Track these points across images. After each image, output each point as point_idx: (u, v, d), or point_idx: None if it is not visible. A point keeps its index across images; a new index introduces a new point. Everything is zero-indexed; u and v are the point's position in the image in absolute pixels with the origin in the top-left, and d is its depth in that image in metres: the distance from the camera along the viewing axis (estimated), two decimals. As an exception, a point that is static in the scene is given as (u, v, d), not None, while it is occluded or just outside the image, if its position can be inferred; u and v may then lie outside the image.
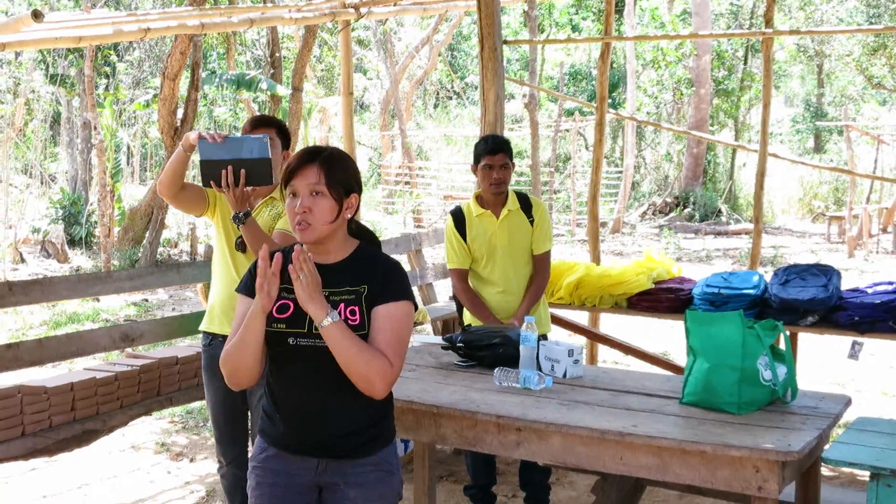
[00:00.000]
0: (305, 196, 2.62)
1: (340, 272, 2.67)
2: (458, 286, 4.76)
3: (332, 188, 2.62)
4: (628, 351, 6.68)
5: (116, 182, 15.58)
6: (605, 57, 7.71)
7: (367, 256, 2.72)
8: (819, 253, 16.67)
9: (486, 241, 4.70)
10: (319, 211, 2.61)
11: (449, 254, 4.79)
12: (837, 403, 3.43)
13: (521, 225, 4.73)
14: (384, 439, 2.73)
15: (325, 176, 2.62)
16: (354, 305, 2.62)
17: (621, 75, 25.57)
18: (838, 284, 5.16)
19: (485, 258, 4.72)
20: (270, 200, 4.05)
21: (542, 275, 4.77)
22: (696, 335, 3.41)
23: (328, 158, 2.65)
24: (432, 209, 21.69)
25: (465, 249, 4.74)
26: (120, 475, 5.56)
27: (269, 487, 2.73)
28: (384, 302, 2.62)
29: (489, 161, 4.62)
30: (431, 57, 25.17)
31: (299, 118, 14.35)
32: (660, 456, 3.06)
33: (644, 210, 23.38)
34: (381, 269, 2.68)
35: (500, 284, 4.72)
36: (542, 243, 4.77)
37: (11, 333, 9.65)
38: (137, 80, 23.20)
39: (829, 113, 28.67)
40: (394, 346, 2.60)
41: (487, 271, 4.74)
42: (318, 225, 2.62)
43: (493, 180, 4.62)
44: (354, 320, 2.60)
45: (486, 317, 4.65)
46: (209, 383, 4.09)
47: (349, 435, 2.65)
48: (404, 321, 2.64)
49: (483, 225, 4.72)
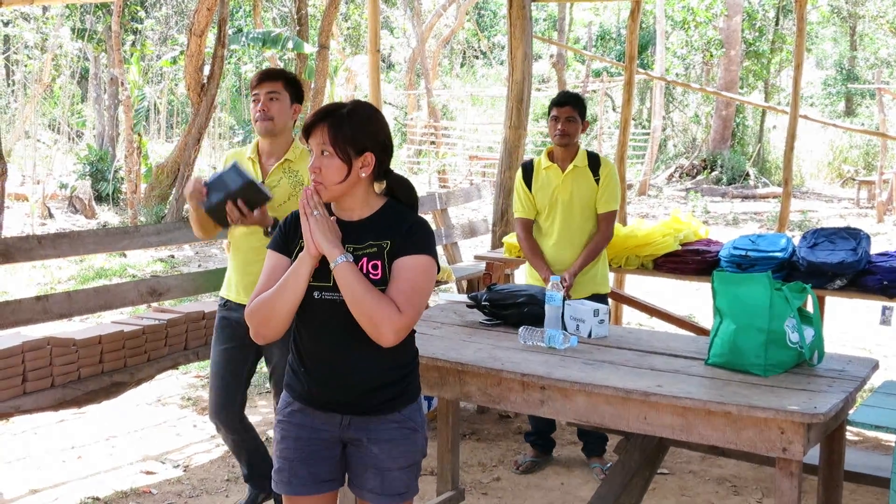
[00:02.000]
0: (317, 156, 2.63)
1: (364, 229, 2.67)
2: (521, 234, 4.95)
3: (338, 148, 2.61)
4: (653, 313, 6.67)
5: (143, 139, 15.61)
6: (635, 16, 7.63)
7: (393, 213, 2.71)
8: (848, 218, 16.50)
9: (550, 193, 4.85)
10: (328, 171, 2.62)
11: (515, 203, 4.99)
12: (864, 367, 3.40)
13: (586, 182, 4.84)
14: (408, 397, 2.74)
15: (331, 135, 2.61)
16: (377, 259, 2.61)
17: (650, 36, 25.28)
18: (867, 248, 5.10)
19: (546, 210, 4.88)
20: (286, 163, 3.97)
21: (603, 234, 4.86)
22: (723, 296, 3.39)
23: (338, 117, 2.63)
24: (458, 169, 21.62)
25: (530, 200, 4.91)
26: (147, 428, 5.63)
27: (293, 441, 2.75)
28: (405, 255, 2.62)
29: (556, 112, 4.80)
30: (458, 16, 24.96)
31: (325, 76, 14.30)
32: (684, 416, 3.05)
33: (671, 172, 23.19)
34: (407, 224, 2.67)
35: (556, 237, 4.85)
36: (605, 203, 4.85)
37: (40, 287, 9.75)
38: (164, 37, 23.16)
39: (861, 76, 28.23)
40: (407, 295, 2.58)
41: (548, 224, 4.88)
42: (329, 185, 2.63)
43: (558, 131, 4.79)
44: (376, 275, 2.60)
45: (540, 267, 4.80)
46: (216, 343, 4.11)
47: (373, 391, 2.66)
48: (422, 274, 2.62)
49: (548, 177, 4.87)
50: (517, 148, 6.82)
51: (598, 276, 4.89)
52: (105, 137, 18.34)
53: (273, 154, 3.99)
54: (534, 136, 21.41)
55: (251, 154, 4.02)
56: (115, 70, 15.58)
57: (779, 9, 24.61)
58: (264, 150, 4.02)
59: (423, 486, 4.66)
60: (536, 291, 4.02)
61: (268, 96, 3.89)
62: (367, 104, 2.75)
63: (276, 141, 3.97)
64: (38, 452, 5.20)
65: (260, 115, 3.90)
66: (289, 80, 3.97)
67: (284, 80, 3.94)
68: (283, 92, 3.91)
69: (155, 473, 4.89)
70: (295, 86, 4.00)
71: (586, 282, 4.79)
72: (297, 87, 4.02)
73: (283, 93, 3.91)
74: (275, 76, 3.95)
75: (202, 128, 13.75)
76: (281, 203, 3.89)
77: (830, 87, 28.73)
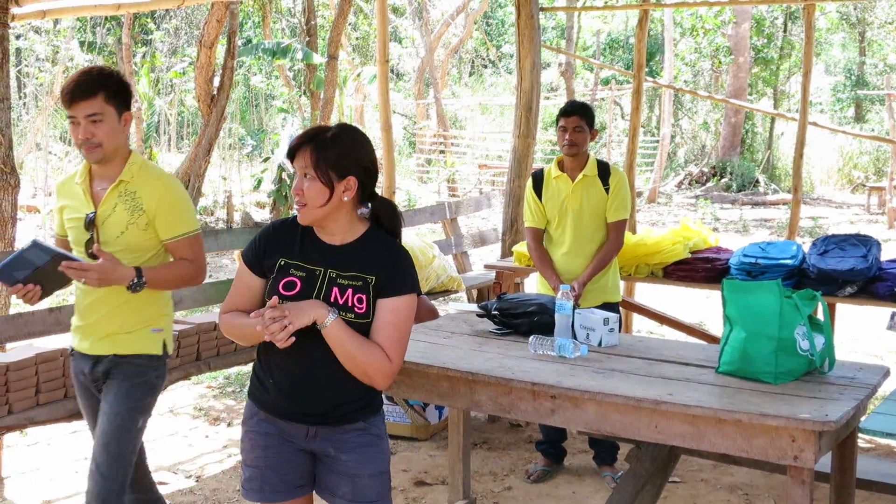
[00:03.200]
0: (300, 178, 2.67)
1: (346, 255, 2.71)
2: (530, 244, 4.99)
3: (320, 171, 2.64)
4: (663, 321, 6.67)
5: (153, 150, 15.68)
6: (643, 24, 7.64)
7: (376, 243, 2.75)
8: (858, 224, 16.46)
9: (559, 202, 4.88)
10: (310, 194, 2.65)
11: (525, 212, 5.02)
12: (875, 374, 3.40)
13: (596, 191, 4.86)
14: (372, 408, 2.80)
15: (313, 159, 2.64)
16: (362, 294, 2.67)
17: (659, 44, 25.27)
18: (878, 255, 5.10)
19: (556, 219, 4.91)
20: (121, 185, 3.32)
21: (613, 243, 4.87)
22: (733, 304, 3.39)
23: (322, 141, 2.66)
24: (467, 178, 21.63)
25: (540, 209, 4.94)
26: (159, 438, 5.65)
27: (263, 450, 2.80)
28: (390, 295, 2.68)
29: (563, 122, 4.83)
30: (467, 25, 25.01)
31: (334, 86, 14.34)
32: (695, 424, 3.05)
33: (680, 180, 23.16)
34: (391, 259, 2.72)
35: (566, 246, 4.88)
36: (615, 212, 4.87)
37: (53, 299, 9.77)
38: (174, 49, 23.27)
39: (870, 82, 28.16)
40: (395, 342, 2.67)
41: (558, 233, 4.92)
42: (311, 208, 2.67)
43: (566, 141, 4.81)
44: (361, 308, 2.66)
45: (550, 276, 4.83)
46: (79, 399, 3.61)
47: (338, 406, 2.72)
48: (405, 315, 2.71)
49: (558, 187, 4.90)
50: (526, 157, 6.84)
51: (609, 285, 4.90)
52: (116, 149, 18.37)
53: (106, 177, 3.34)
54: (543, 144, 21.41)
55: (80, 180, 3.37)
56: (125, 82, 15.63)
57: (787, 15, 24.57)
58: (96, 173, 3.37)
59: (434, 496, 4.69)
60: (546, 300, 4.02)
61: (88, 120, 3.22)
62: (353, 128, 2.78)
63: (108, 162, 3.32)
64: (51, 464, 5.22)
65: (83, 142, 3.23)
66: (110, 90, 3.25)
67: (105, 93, 3.23)
68: (106, 109, 3.23)
69: (167, 484, 4.90)
70: (119, 94, 3.29)
71: (597, 291, 4.80)
72: (122, 93, 3.31)
73: (107, 109, 3.23)
74: (90, 91, 3.21)
75: (212, 139, 13.78)
76: (118, 235, 3.30)
77: (840, 93, 28.67)
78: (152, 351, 3.41)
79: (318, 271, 2.68)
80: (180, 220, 3.36)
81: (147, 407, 3.41)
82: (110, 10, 6.82)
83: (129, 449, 3.31)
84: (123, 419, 3.31)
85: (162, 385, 3.50)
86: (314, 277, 2.67)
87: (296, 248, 2.72)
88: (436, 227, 12.43)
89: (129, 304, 3.35)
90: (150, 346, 3.41)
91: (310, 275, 2.68)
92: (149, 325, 3.40)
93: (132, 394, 3.34)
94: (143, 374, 3.38)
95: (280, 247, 2.74)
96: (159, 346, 3.43)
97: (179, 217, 3.36)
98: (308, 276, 2.68)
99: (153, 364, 3.42)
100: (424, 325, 4.31)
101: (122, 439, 3.29)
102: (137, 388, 3.35)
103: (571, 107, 4.87)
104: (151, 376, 3.41)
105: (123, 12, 9.94)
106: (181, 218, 3.37)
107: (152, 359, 3.41)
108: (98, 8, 7.01)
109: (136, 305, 3.36)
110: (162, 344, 3.45)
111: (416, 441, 5.50)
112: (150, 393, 3.41)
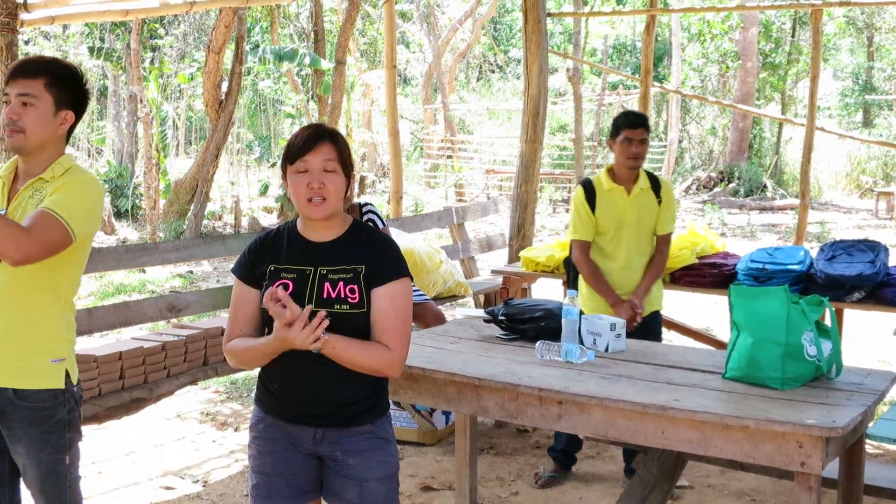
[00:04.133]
0: (319, 171, 2.67)
1: (334, 250, 2.74)
2: (581, 257, 4.77)
3: (343, 165, 2.70)
4: (670, 326, 6.65)
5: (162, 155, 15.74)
6: (651, 29, 7.64)
7: (362, 234, 2.78)
8: (866, 229, 16.42)
9: (615, 216, 4.73)
10: (335, 187, 2.68)
11: (575, 224, 4.81)
12: (883, 380, 3.39)
13: (650, 204, 4.76)
14: (378, 410, 2.80)
15: (338, 153, 2.69)
16: (353, 284, 2.68)
17: (666, 48, 25.27)
18: (886, 260, 5.09)
19: (611, 233, 4.74)
20: (38, 183, 2.96)
21: (662, 255, 4.83)
22: (741, 309, 3.38)
23: (338, 137, 2.74)
24: (474, 183, 21.64)
25: (592, 221, 4.76)
26: (166, 443, 5.66)
27: (270, 455, 2.80)
28: (383, 282, 2.69)
29: (629, 134, 4.65)
30: (474, 30, 25.04)
31: (342, 91, 14.38)
32: (702, 430, 3.05)
33: (688, 185, 23.14)
34: (378, 247, 2.74)
35: (622, 260, 4.75)
36: (666, 224, 4.82)
37: None
38: (182, 54, 23.33)
39: (878, 87, 28.11)
40: (398, 330, 2.69)
41: (612, 246, 4.76)
42: (333, 201, 2.69)
43: (631, 154, 4.66)
44: (354, 298, 2.67)
45: (607, 291, 4.68)
46: None
47: (345, 406, 2.72)
48: (403, 299, 2.72)
49: (613, 199, 4.74)
50: (533, 162, 6.85)
51: (656, 294, 4.87)
52: (124, 154, 18.48)
53: (31, 174, 2.98)
54: (550, 149, 21.41)
55: (4, 173, 3.06)
56: (133, 87, 15.71)
57: (795, 20, 24.56)
58: (21, 169, 3.02)
59: (441, 502, 4.69)
60: (553, 306, 4.03)
61: (19, 100, 2.87)
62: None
63: (33, 158, 2.96)
64: (58, 468, 5.22)
65: (7, 123, 2.88)
66: (54, 79, 2.91)
67: (47, 79, 2.89)
68: (42, 95, 2.88)
69: (174, 489, 4.91)
70: (64, 88, 2.93)
71: (647, 301, 4.77)
72: (70, 89, 2.96)
73: (44, 96, 2.88)
74: (34, 71, 2.89)
75: (220, 144, 13.85)
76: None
77: (848, 98, 28.63)
78: (54, 385, 2.98)
79: (308, 270, 2.70)
80: (61, 203, 2.84)
81: (70, 443, 3.04)
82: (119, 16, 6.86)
83: (68, 485, 3.05)
84: (49, 466, 2.99)
85: (78, 413, 3.06)
86: (305, 277, 2.70)
87: (283, 254, 2.75)
88: (443, 232, 12.42)
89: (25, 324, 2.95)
90: (51, 380, 2.98)
91: (300, 275, 2.70)
92: (48, 356, 2.98)
93: (47, 440, 2.97)
94: (51, 416, 2.97)
95: (268, 255, 2.76)
96: (61, 379, 2.99)
97: (63, 201, 2.85)
98: (299, 277, 2.70)
99: (59, 400, 2.99)
100: (431, 330, 4.31)
101: (57, 482, 3.03)
102: (51, 433, 2.97)
103: (637, 119, 4.72)
104: (61, 412, 2.99)
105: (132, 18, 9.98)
106: (64, 202, 2.85)
107: (56, 394, 2.98)
108: (107, 13, 7.05)
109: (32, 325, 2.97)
110: (64, 375, 3.01)
111: (423, 446, 5.50)
112: (66, 429, 3.02)
